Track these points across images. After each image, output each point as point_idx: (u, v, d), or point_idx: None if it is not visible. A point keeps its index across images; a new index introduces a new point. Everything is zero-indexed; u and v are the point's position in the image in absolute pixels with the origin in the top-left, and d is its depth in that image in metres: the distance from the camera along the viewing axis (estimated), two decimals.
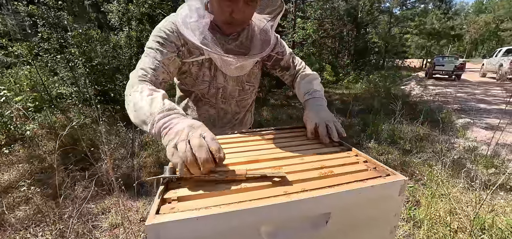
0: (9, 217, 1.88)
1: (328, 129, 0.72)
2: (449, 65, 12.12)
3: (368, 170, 0.54)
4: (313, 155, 0.63)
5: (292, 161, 0.59)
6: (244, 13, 0.73)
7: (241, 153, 0.64)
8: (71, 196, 2.14)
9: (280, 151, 0.65)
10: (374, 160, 0.58)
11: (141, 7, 4.71)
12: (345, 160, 0.60)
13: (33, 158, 2.70)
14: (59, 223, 1.82)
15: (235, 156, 0.62)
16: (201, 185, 0.48)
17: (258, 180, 0.49)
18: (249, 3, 0.72)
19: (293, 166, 0.56)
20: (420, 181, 2.37)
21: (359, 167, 0.56)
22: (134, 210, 2.03)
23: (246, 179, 0.49)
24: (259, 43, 0.85)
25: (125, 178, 2.44)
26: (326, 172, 0.53)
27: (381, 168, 0.55)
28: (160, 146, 3.23)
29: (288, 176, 0.50)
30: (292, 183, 0.49)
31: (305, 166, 0.56)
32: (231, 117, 1.00)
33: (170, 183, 0.48)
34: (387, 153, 3.19)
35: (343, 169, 0.55)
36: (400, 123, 4.08)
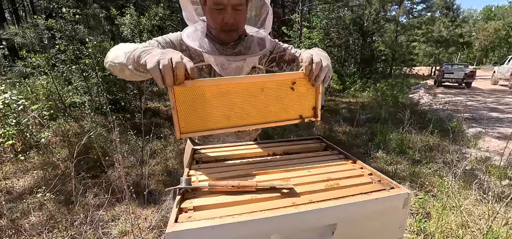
0: (23, 223, 1.95)
1: (321, 69, 0.67)
2: (459, 73, 11.91)
3: (373, 183, 0.57)
4: (320, 167, 0.65)
5: (300, 173, 0.62)
6: (235, 19, 0.80)
7: (252, 164, 0.68)
8: (83, 202, 2.20)
9: (288, 163, 0.68)
10: (379, 173, 0.60)
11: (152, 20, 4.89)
12: (350, 172, 0.62)
13: (47, 164, 2.80)
14: (71, 229, 1.87)
15: (246, 167, 0.65)
16: (214, 195, 0.51)
17: (268, 191, 0.52)
18: (237, 8, 0.79)
19: (301, 178, 0.59)
20: (430, 192, 2.33)
21: (364, 179, 0.58)
22: (143, 218, 2.06)
23: (256, 190, 0.52)
24: (256, 49, 0.91)
25: (134, 185, 2.50)
26: (332, 184, 0.55)
27: (386, 181, 0.57)
28: (168, 154, 3.29)
29: (296, 187, 0.53)
30: (300, 195, 0.51)
31: (312, 178, 0.59)
32: None
33: (186, 192, 0.52)
34: (396, 163, 3.15)
35: (348, 181, 0.57)
36: (408, 132, 4.03)
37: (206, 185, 0.51)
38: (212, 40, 0.87)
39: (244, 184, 0.51)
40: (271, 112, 0.68)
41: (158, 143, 3.55)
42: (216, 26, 0.82)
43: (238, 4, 0.78)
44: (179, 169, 2.92)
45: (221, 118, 0.64)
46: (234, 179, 0.59)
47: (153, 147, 3.38)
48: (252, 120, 0.67)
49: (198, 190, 0.52)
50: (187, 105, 0.60)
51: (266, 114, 0.68)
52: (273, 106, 0.68)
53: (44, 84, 4.83)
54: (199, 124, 0.63)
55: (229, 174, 0.62)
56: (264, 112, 0.68)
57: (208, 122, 0.64)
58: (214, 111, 0.63)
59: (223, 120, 0.65)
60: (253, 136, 1.10)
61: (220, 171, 0.64)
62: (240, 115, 0.66)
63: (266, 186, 0.52)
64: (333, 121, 5.20)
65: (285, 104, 0.69)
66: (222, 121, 0.65)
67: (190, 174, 0.62)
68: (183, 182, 0.51)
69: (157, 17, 5.31)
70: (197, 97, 0.61)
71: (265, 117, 0.68)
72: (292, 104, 0.70)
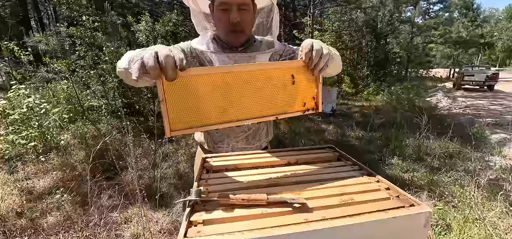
0: (42, 222, 2.03)
1: (321, 57, 0.64)
2: (480, 75, 11.34)
3: (391, 199, 0.53)
4: (333, 179, 0.63)
5: (312, 186, 0.59)
6: (240, 18, 0.80)
7: (263, 174, 0.66)
8: (98, 204, 2.27)
9: (300, 174, 0.66)
10: (397, 188, 0.57)
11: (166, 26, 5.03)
12: (366, 186, 0.59)
13: (65, 166, 2.92)
14: (86, 230, 1.93)
15: (257, 178, 0.64)
16: (224, 208, 0.50)
17: (279, 205, 0.50)
18: (242, 8, 0.80)
19: (313, 191, 0.57)
20: (451, 203, 2.20)
21: (381, 195, 0.55)
22: (154, 221, 2.09)
23: (267, 204, 0.50)
24: (265, 50, 0.93)
25: (146, 188, 2.55)
26: (346, 199, 0.53)
27: (405, 197, 0.54)
28: (180, 157, 3.34)
29: (308, 202, 0.51)
30: (312, 210, 0.49)
31: (325, 191, 0.56)
32: (244, 127, 1.02)
33: (196, 205, 0.51)
34: (412, 170, 3.02)
35: (364, 196, 0.54)
36: (426, 137, 3.86)
37: (216, 197, 0.50)
38: (222, 47, 0.88)
39: (255, 197, 0.50)
40: (270, 104, 0.64)
41: (170, 146, 3.61)
42: (223, 28, 0.83)
43: (243, 4, 0.79)
44: (190, 172, 2.95)
45: (216, 112, 0.59)
46: (244, 190, 0.58)
47: (165, 150, 3.43)
48: (250, 113, 0.62)
49: (207, 203, 0.51)
50: (177, 98, 0.55)
51: (265, 106, 0.64)
52: (272, 97, 0.64)
53: (64, 88, 5.08)
54: (192, 119, 0.58)
55: (239, 185, 0.61)
56: (262, 104, 0.63)
57: (201, 116, 0.58)
58: (207, 104, 0.58)
59: (218, 114, 0.59)
60: (264, 143, 1.09)
61: (230, 181, 0.63)
62: (237, 108, 0.61)
63: (277, 199, 0.51)
64: (346, 125, 5.08)
65: (285, 95, 0.65)
66: (218, 115, 0.59)
67: (200, 184, 0.62)
68: (193, 193, 0.50)
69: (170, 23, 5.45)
70: (188, 89, 0.56)
71: (264, 109, 0.64)
72: (292, 94, 0.66)
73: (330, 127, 5.06)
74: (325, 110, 5.97)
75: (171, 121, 0.56)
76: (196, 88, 0.57)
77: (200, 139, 1.08)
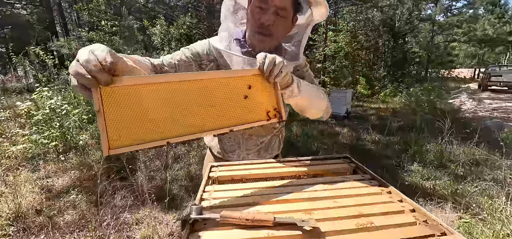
0: (59, 220, 2.10)
1: (274, 66, 0.61)
2: (509, 75, 10.57)
3: (417, 224, 0.46)
4: (349, 196, 0.57)
5: (325, 204, 0.53)
6: (273, 22, 0.74)
7: (271, 188, 0.61)
8: (111, 204, 2.32)
9: (311, 189, 0.60)
10: (424, 211, 0.49)
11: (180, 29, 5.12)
12: (387, 206, 0.52)
13: (83, 165, 3.02)
14: (99, 230, 1.97)
15: (264, 191, 0.59)
16: (227, 228, 0.46)
17: (287, 227, 0.45)
18: (279, 13, 0.74)
19: (326, 210, 0.51)
20: (478, 215, 2.03)
21: (406, 218, 0.48)
22: (165, 223, 2.10)
23: (273, 226, 0.45)
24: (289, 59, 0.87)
25: (158, 189, 2.58)
26: (364, 223, 0.46)
27: (434, 222, 0.46)
28: (191, 159, 3.35)
29: (320, 224, 0.45)
30: (325, 235, 0.43)
31: (339, 211, 0.50)
32: (256, 141, 0.99)
33: (196, 223, 0.47)
34: (434, 178, 2.83)
35: (385, 219, 0.48)
36: (449, 143, 3.62)
37: (218, 216, 0.46)
38: (247, 50, 0.82)
39: (260, 217, 0.45)
40: (226, 115, 0.58)
41: (182, 148, 3.64)
42: (252, 27, 0.78)
43: (282, 8, 0.74)
44: (200, 175, 2.94)
45: (164, 125, 0.51)
46: (249, 206, 0.53)
47: (177, 152, 3.47)
48: (206, 125, 0.55)
49: (209, 221, 0.47)
50: (118, 110, 0.47)
51: (222, 117, 0.58)
52: (228, 107, 0.59)
53: None
54: (136, 135, 0.48)
55: (245, 200, 0.56)
56: (219, 115, 0.57)
57: (147, 131, 0.49)
58: (154, 117, 0.50)
59: (166, 128, 0.51)
60: (275, 151, 1.04)
61: (236, 195, 0.59)
62: (189, 120, 0.54)
63: (285, 220, 0.45)
64: (361, 128, 4.90)
65: (242, 104, 0.60)
66: (166, 129, 0.51)
67: (204, 197, 0.58)
68: (194, 211, 0.46)
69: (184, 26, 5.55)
70: (131, 99, 0.48)
71: (221, 120, 0.57)
72: (250, 104, 0.62)
73: (345, 129, 4.90)
74: (339, 113, 5.79)
75: (110, 137, 0.46)
76: (141, 98, 0.49)
77: (210, 143, 1.05)
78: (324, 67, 8.25)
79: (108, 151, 0.46)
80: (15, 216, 2.08)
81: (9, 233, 1.93)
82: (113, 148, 0.46)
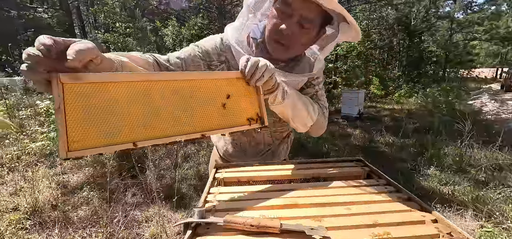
0: (73, 216, 2.17)
1: (256, 69, 0.58)
2: None
3: (440, 237, 0.42)
4: (363, 203, 0.52)
5: (336, 210, 0.50)
6: (293, 32, 0.67)
7: (278, 191, 0.58)
8: (122, 201, 2.36)
9: (321, 194, 0.57)
10: (448, 222, 0.45)
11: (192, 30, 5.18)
12: (405, 216, 0.48)
13: (96, 163, 3.11)
14: (110, 226, 2.01)
15: (271, 196, 0.56)
16: (230, 234, 0.43)
17: (294, 235, 0.42)
18: (303, 24, 0.66)
19: (337, 218, 0.47)
20: (501, 224, 1.90)
21: (427, 229, 0.44)
22: (173, 221, 2.11)
23: (280, 233, 0.42)
24: (305, 70, 0.81)
25: (167, 188, 2.60)
26: (380, 233, 0.42)
27: (459, 235, 0.42)
28: (200, 158, 3.37)
29: (330, 233, 0.42)
30: None
31: (352, 220, 0.46)
32: (263, 148, 0.95)
33: (199, 227, 0.45)
34: (453, 183, 2.68)
35: (404, 230, 0.43)
36: (469, 146, 3.43)
37: (221, 221, 0.43)
38: (261, 51, 0.76)
39: (266, 223, 0.42)
40: (207, 118, 0.55)
41: (192, 147, 3.67)
42: (270, 32, 0.71)
43: (307, 19, 0.65)
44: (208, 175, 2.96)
45: (134, 128, 0.46)
46: (254, 211, 0.50)
47: (187, 151, 3.50)
48: (183, 128, 0.51)
49: (212, 225, 0.45)
50: (81, 108, 0.41)
51: (201, 121, 0.54)
52: (206, 110, 0.55)
53: None
54: (100, 137, 0.43)
55: (250, 203, 0.53)
56: (198, 118, 0.53)
57: (112, 133, 0.44)
58: (123, 118, 0.45)
59: (136, 130, 0.46)
60: (282, 157, 1.00)
61: (241, 198, 0.56)
62: (161, 123, 0.48)
63: (293, 228, 0.42)
64: (374, 130, 4.74)
65: (222, 108, 0.57)
66: (136, 132, 0.46)
67: (208, 198, 0.56)
68: (196, 214, 0.44)
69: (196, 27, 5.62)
70: (98, 98, 0.43)
71: (200, 124, 0.53)
72: (231, 108, 0.59)
73: (357, 131, 4.76)
74: (351, 114, 5.65)
75: (70, 138, 0.40)
76: (107, 97, 0.44)
77: (217, 143, 1.03)
78: (335, 67, 8.08)
79: (66, 153, 0.40)
80: (32, 210, 2.16)
81: (26, 227, 2.00)
82: (72, 150, 0.40)
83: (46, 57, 0.38)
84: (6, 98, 5.58)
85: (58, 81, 0.39)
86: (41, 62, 0.38)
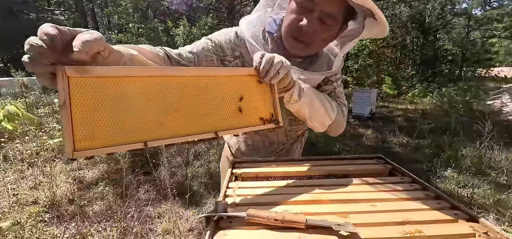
0: (88, 210, 2.23)
1: (271, 66, 0.55)
2: None
3: (477, 236, 0.39)
4: (389, 200, 0.50)
5: (361, 207, 0.48)
6: (313, 29, 0.63)
7: (299, 187, 0.57)
8: (135, 197, 2.41)
9: (344, 190, 0.55)
10: (484, 221, 0.42)
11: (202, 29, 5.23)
12: (437, 214, 0.45)
13: (110, 159, 3.19)
14: (124, 221, 2.05)
15: (292, 192, 0.55)
16: (254, 228, 0.42)
17: (320, 231, 0.40)
18: (325, 20, 0.62)
19: (364, 215, 0.45)
20: None
21: (461, 228, 0.41)
22: (185, 219, 2.13)
23: (305, 228, 0.41)
24: (322, 67, 0.77)
25: (178, 185, 2.63)
26: (412, 231, 0.40)
27: (497, 235, 0.39)
28: (211, 156, 3.39)
29: (358, 229, 0.40)
30: None
31: (380, 216, 0.44)
32: (277, 147, 0.93)
33: (221, 220, 0.44)
34: (472, 185, 2.57)
35: (437, 228, 0.41)
36: (489, 147, 3.28)
37: (244, 214, 0.42)
38: (277, 45, 0.73)
39: (291, 218, 0.41)
40: (220, 117, 0.52)
41: (202, 146, 3.70)
42: (287, 28, 0.67)
43: (329, 15, 0.61)
44: (220, 173, 2.97)
45: (148, 126, 0.43)
46: (276, 206, 0.49)
47: (198, 149, 3.53)
48: (196, 128, 0.48)
49: (234, 219, 0.44)
50: (89, 104, 0.39)
51: (214, 120, 0.51)
52: (218, 108, 0.52)
53: None
54: (108, 136, 0.40)
55: (271, 198, 0.52)
56: (210, 117, 0.51)
57: (120, 132, 0.41)
58: (136, 115, 0.42)
59: (150, 129, 0.44)
60: (296, 156, 0.98)
61: (261, 192, 0.55)
62: (179, 122, 0.47)
63: (319, 223, 0.41)
64: (387, 130, 4.62)
65: (239, 107, 0.55)
66: (150, 130, 0.44)
67: (228, 193, 0.55)
68: (219, 208, 0.44)
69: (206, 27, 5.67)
70: (105, 94, 0.40)
71: (212, 124, 0.51)
72: (247, 107, 0.56)
73: (369, 131, 4.66)
74: (363, 113, 5.53)
75: (77, 137, 0.37)
76: (118, 93, 0.41)
77: (229, 141, 1.02)
78: (346, 66, 7.94)
79: (72, 153, 0.37)
80: (51, 204, 2.24)
81: (45, 219, 2.08)
82: (79, 150, 0.37)
83: (50, 48, 0.34)
84: (26, 96, 5.83)
85: (64, 75, 0.36)
86: (44, 54, 0.34)
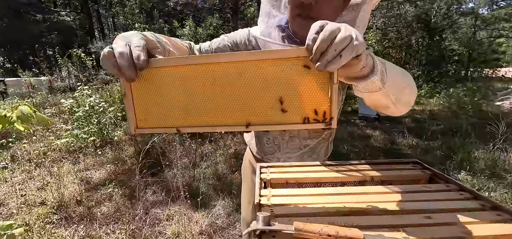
0: (96, 211, 2.20)
1: (330, 45, 0.39)
2: None
3: None
4: (443, 211, 0.46)
5: (415, 219, 0.43)
6: (316, 2, 0.58)
7: (337, 195, 0.52)
8: (143, 199, 2.38)
9: (390, 199, 0.50)
10: None
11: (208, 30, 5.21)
12: (501, 228, 0.40)
13: (117, 160, 3.17)
14: (132, 223, 2.02)
15: (331, 200, 0.50)
16: None
17: None
18: None
19: (421, 228, 0.41)
20: None
21: None
22: (194, 221, 2.10)
23: None
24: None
25: (186, 187, 2.60)
26: None
27: None
28: (218, 158, 3.36)
29: None
30: None
31: (439, 231, 0.40)
32: (299, 144, 0.88)
33: (264, 234, 0.40)
34: (487, 189, 2.50)
35: None
36: (503, 150, 3.20)
37: (292, 229, 0.38)
38: (288, 37, 0.70)
39: (346, 233, 0.37)
40: (255, 110, 0.46)
41: (209, 146, 3.67)
42: (292, 10, 0.63)
43: None
44: (227, 174, 2.93)
45: (180, 113, 0.49)
46: (320, 217, 0.45)
47: (204, 151, 3.50)
48: (223, 119, 0.48)
49: (278, 234, 0.40)
50: (144, 92, 0.48)
51: (251, 111, 0.47)
52: (260, 100, 0.46)
53: (119, 89, 5.63)
54: (158, 118, 0.49)
55: (312, 209, 0.48)
56: (244, 108, 0.47)
57: (166, 116, 0.49)
58: (173, 103, 0.48)
59: (182, 116, 0.49)
60: (321, 158, 0.93)
61: (298, 202, 0.51)
62: (206, 110, 0.48)
63: None
64: (395, 132, 4.55)
65: (279, 99, 0.45)
66: (182, 117, 0.49)
67: (262, 202, 0.51)
68: (261, 221, 0.39)
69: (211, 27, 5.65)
70: (155, 83, 0.48)
71: (244, 115, 0.47)
72: (287, 98, 0.45)
73: (377, 132, 4.59)
74: (370, 114, 5.46)
75: (138, 118, 0.50)
76: (162, 82, 0.48)
77: (250, 142, 0.98)
78: None
79: (135, 129, 0.50)
80: (59, 205, 2.22)
81: (53, 221, 2.06)
82: (139, 128, 0.50)
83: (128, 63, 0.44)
84: (33, 96, 5.87)
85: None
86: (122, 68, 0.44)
